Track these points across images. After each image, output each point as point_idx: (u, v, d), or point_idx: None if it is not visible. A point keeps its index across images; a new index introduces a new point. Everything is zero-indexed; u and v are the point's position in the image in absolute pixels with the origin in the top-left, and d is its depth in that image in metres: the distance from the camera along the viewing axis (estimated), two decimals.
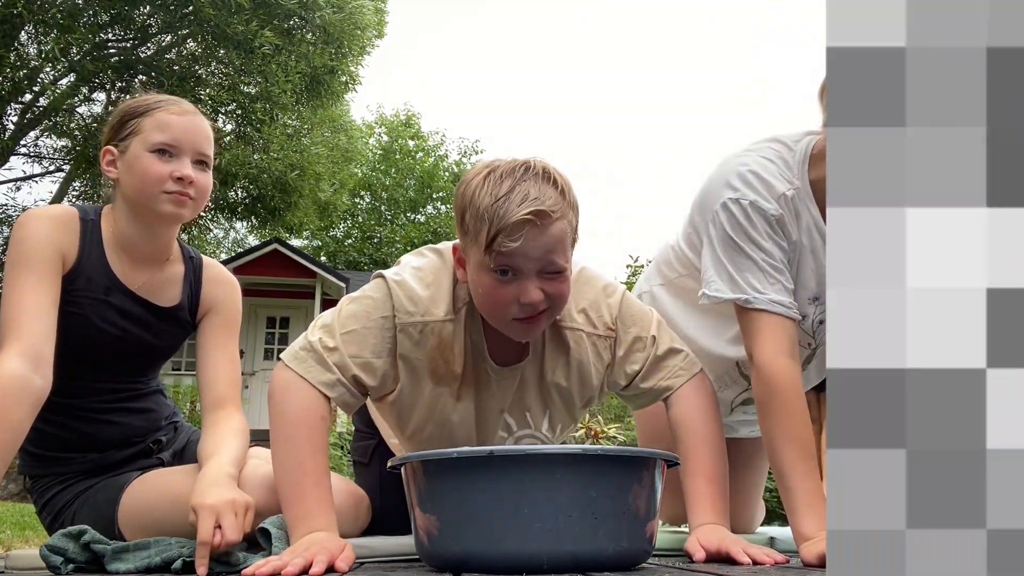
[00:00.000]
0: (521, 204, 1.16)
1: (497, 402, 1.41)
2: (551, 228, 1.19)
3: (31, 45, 10.31)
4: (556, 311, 1.29)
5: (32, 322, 1.35)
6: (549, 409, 1.44)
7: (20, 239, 1.41)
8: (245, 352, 12.62)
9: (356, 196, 22.28)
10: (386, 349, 1.30)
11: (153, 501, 1.43)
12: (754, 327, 1.38)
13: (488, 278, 1.22)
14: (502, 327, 1.29)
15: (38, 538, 4.31)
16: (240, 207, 12.21)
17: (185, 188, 1.47)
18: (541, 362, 1.40)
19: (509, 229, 1.16)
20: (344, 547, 1.11)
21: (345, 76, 11.52)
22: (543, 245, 1.19)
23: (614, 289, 1.42)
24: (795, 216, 1.44)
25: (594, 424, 8.57)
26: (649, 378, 1.39)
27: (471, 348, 1.36)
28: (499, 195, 1.18)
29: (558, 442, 1.50)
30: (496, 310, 1.25)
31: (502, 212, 1.16)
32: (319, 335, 1.28)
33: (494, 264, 1.20)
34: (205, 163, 1.52)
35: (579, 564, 1.00)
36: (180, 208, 1.48)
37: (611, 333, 1.39)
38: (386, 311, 1.30)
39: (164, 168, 1.47)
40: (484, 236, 1.18)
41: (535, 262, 1.20)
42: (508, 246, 1.17)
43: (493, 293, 1.23)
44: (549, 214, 1.18)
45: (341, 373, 1.26)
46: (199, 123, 1.52)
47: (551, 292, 1.23)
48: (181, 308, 1.58)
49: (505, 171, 1.21)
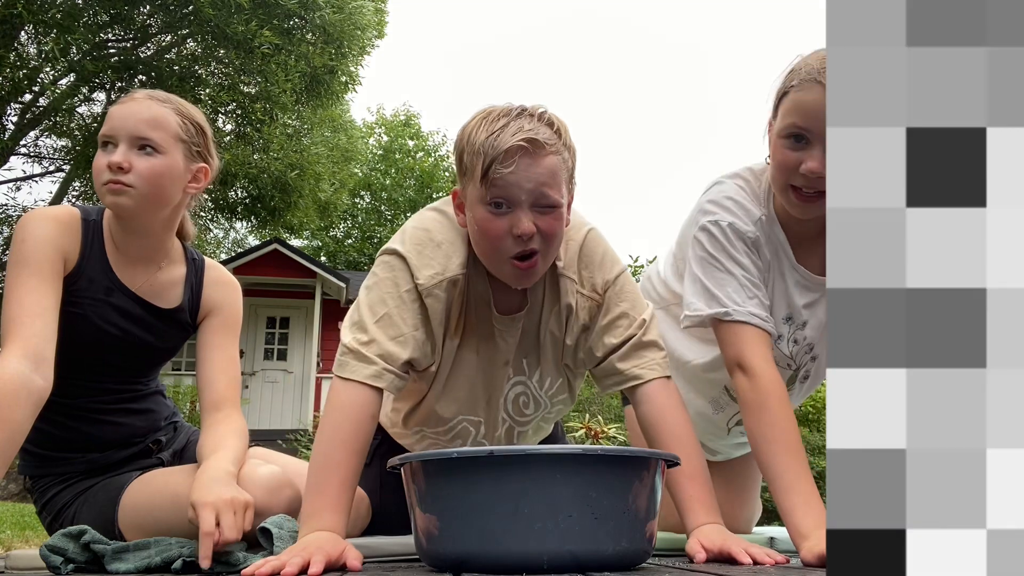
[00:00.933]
0: (515, 134, 1.20)
1: (503, 353, 1.43)
2: (544, 160, 1.22)
3: (31, 45, 10.30)
4: (550, 253, 1.29)
5: (33, 322, 1.34)
6: (540, 362, 1.46)
7: (22, 240, 1.41)
8: (245, 352, 12.63)
9: (356, 196, 22.28)
10: (420, 319, 1.31)
11: (153, 501, 1.43)
12: (737, 338, 1.38)
13: (483, 212, 1.24)
14: (498, 269, 1.30)
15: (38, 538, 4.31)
16: (240, 207, 12.20)
17: (116, 175, 1.42)
18: (540, 311, 1.41)
19: (502, 156, 1.19)
20: (344, 549, 1.11)
21: (345, 76, 11.51)
22: (535, 176, 1.21)
23: (615, 260, 1.42)
24: (767, 239, 1.47)
25: (594, 424, 8.57)
26: (627, 359, 1.38)
27: (478, 297, 1.37)
28: (494, 130, 1.21)
29: (544, 397, 1.51)
30: (492, 246, 1.27)
31: (495, 142, 1.20)
32: (351, 335, 1.28)
33: (489, 196, 1.22)
34: (149, 146, 1.44)
35: (579, 564, 1.00)
36: (117, 196, 1.42)
37: (596, 297, 1.39)
38: (408, 283, 1.30)
39: (102, 160, 1.44)
40: (480, 168, 1.21)
41: (528, 193, 1.22)
42: (501, 172, 1.19)
43: (488, 227, 1.24)
44: (543, 144, 1.21)
45: (385, 362, 1.26)
46: (138, 108, 1.46)
47: (543, 227, 1.24)
48: (181, 310, 1.58)
49: (502, 111, 1.25)
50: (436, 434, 1.54)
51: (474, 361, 1.42)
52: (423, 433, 1.56)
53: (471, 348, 1.41)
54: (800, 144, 1.33)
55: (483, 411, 1.49)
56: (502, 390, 1.48)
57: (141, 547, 1.25)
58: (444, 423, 1.51)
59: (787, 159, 1.34)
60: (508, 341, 1.42)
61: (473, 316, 1.38)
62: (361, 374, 1.24)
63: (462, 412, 1.49)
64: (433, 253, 1.32)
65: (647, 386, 1.36)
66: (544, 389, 1.50)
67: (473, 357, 1.42)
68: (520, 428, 1.55)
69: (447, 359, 1.40)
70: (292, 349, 13.03)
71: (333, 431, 1.22)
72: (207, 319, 1.61)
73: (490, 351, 1.42)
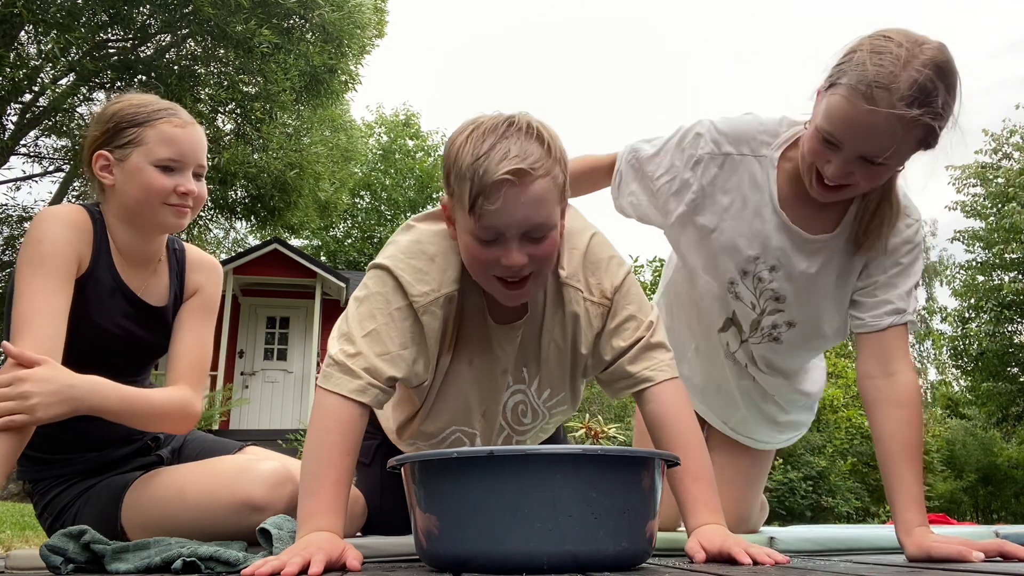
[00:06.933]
0: (500, 163, 1.15)
1: (501, 363, 1.41)
2: (532, 187, 1.17)
3: (31, 45, 10.28)
4: (543, 273, 1.28)
5: (43, 323, 1.35)
6: (541, 371, 1.44)
7: (38, 240, 1.41)
8: (245, 352, 12.61)
9: (356, 196, 22.27)
10: (409, 338, 1.29)
11: (159, 496, 1.44)
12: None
13: (471, 241, 1.22)
14: (488, 287, 1.29)
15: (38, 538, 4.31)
16: (240, 207, 12.19)
17: (183, 200, 1.52)
18: (541, 320, 1.39)
19: (488, 190, 1.15)
20: (343, 549, 1.11)
21: (345, 76, 11.50)
22: (524, 209, 1.17)
23: (621, 263, 1.41)
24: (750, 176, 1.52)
25: (594, 424, 8.57)
26: (637, 362, 1.36)
27: (472, 308, 1.35)
28: (479, 153, 1.16)
29: (543, 407, 1.50)
30: (479, 269, 1.26)
31: (481, 172, 1.15)
32: (338, 347, 1.27)
33: (478, 229, 1.20)
34: (202, 173, 1.57)
35: (579, 564, 1.00)
36: (181, 219, 1.54)
37: (606, 302, 1.38)
38: (400, 301, 1.29)
39: (168, 182, 1.50)
40: (466, 198, 1.18)
41: (517, 227, 1.19)
42: (488, 208, 1.16)
43: (477, 255, 1.23)
44: (529, 172, 1.16)
45: (371, 376, 1.24)
46: (199, 136, 1.56)
47: (535, 254, 1.22)
48: (171, 306, 1.61)
49: (488, 128, 1.19)
50: (429, 446, 1.52)
51: (466, 372, 1.40)
52: (416, 445, 1.55)
53: (463, 360, 1.39)
54: (830, 148, 1.34)
55: (479, 422, 1.47)
56: (500, 400, 1.46)
57: (141, 547, 1.25)
58: (436, 435, 1.50)
59: (816, 152, 1.37)
60: (507, 350, 1.40)
61: (468, 327, 1.36)
62: (346, 388, 1.23)
63: (455, 423, 1.47)
64: (427, 267, 1.30)
65: (656, 387, 1.35)
66: (542, 399, 1.48)
67: (465, 368, 1.40)
68: (518, 437, 1.54)
69: (439, 372, 1.39)
70: (292, 349, 13.01)
71: (321, 435, 1.21)
72: (186, 302, 1.65)
73: (487, 361, 1.40)
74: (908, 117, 1.24)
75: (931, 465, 13.32)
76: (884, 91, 1.23)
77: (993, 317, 15.03)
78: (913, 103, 1.23)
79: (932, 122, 1.25)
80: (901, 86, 1.23)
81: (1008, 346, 14.92)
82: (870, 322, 1.46)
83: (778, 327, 1.64)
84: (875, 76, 1.24)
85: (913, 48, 1.25)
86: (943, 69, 1.25)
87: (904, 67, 1.23)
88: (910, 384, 1.39)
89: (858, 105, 1.26)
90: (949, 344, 16.32)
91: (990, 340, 15.07)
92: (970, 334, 15.53)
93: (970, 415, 19.21)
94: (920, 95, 1.23)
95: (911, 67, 1.23)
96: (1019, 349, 14.88)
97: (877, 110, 1.24)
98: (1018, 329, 15.10)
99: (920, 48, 1.25)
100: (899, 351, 1.43)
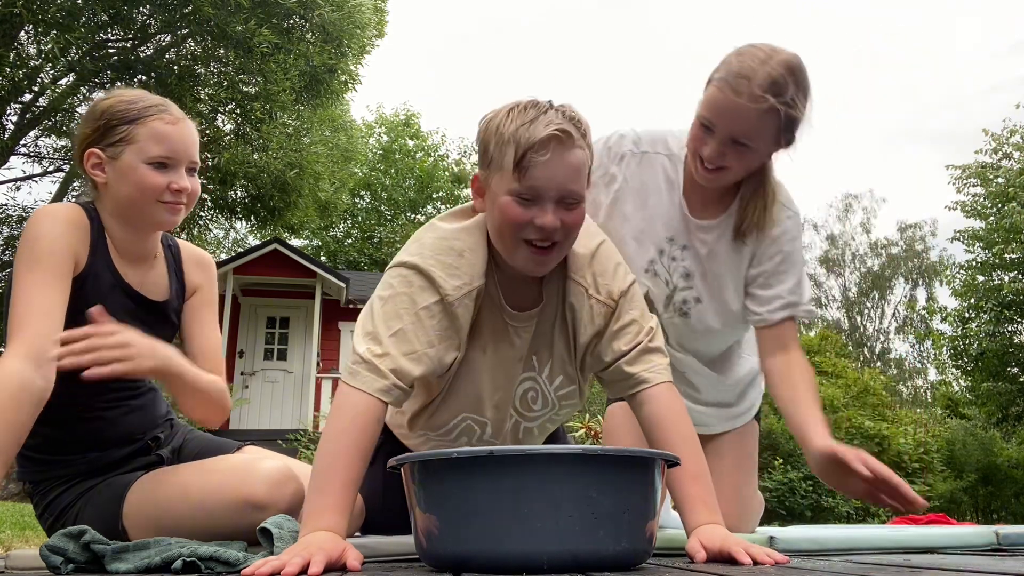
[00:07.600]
0: (547, 125, 1.24)
1: (517, 350, 1.44)
2: (574, 153, 1.27)
3: (31, 45, 10.28)
4: (567, 244, 1.34)
5: (39, 321, 1.35)
6: (552, 358, 1.48)
7: (35, 238, 1.42)
8: (245, 352, 12.61)
9: (356, 196, 22.28)
10: (436, 336, 1.32)
11: (165, 498, 1.45)
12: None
13: (509, 200, 1.27)
14: (514, 253, 1.32)
15: (38, 538, 4.31)
16: (240, 207, 12.18)
17: (177, 197, 1.52)
18: (554, 308, 1.44)
19: (537, 145, 1.23)
20: (343, 549, 1.11)
21: (345, 75, 11.50)
22: (565, 171, 1.26)
23: (627, 272, 1.48)
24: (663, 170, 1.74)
25: (594, 424, 8.57)
26: (635, 364, 1.41)
27: (488, 298, 1.38)
28: (525, 120, 1.26)
29: (553, 394, 1.52)
30: (512, 230, 1.29)
31: (529, 132, 1.24)
32: (365, 346, 1.28)
33: (520, 186, 1.25)
34: (195, 168, 1.57)
35: (579, 564, 1.00)
36: (175, 216, 1.54)
37: (611, 303, 1.42)
38: (430, 298, 1.31)
39: (161, 180, 1.50)
40: (512, 157, 1.25)
41: (556, 188, 1.26)
42: (536, 161, 1.23)
43: (511, 212, 1.28)
44: (573, 137, 1.26)
45: (396, 377, 1.26)
46: (191, 131, 1.56)
47: (567, 221, 1.29)
48: (172, 300, 1.62)
49: (530, 103, 1.29)
50: (439, 436, 1.53)
51: (481, 361, 1.42)
52: (427, 436, 1.56)
53: (478, 348, 1.41)
54: (707, 132, 1.56)
55: (491, 410, 1.49)
56: (513, 387, 1.48)
57: (141, 547, 1.25)
58: (446, 424, 1.51)
59: (697, 137, 1.60)
60: (523, 337, 1.44)
61: (484, 317, 1.39)
62: (372, 387, 1.25)
63: (465, 411, 1.49)
64: (457, 263, 1.34)
65: (652, 389, 1.39)
66: (553, 386, 1.51)
67: (480, 356, 1.42)
68: (526, 424, 1.55)
69: (455, 362, 1.40)
70: (292, 349, 13.01)
71: (339, 434, 1.22)
72: (189, 300, 1.68)
73: (503, 349, 1.43)
74: (765, 103, 1.49)
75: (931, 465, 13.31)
76: (746, 81, 1.49)
77: (993, 317, 15.01)
78: (768, 91, 1.48)
79: (784, 109, 1.50)
80: (759, 78, 1.49)
81: (1008, 346, 14.91)
82: (766, 316, 1.70)
83: (687, 303, 1.80)
84: (739, 70, 1.51)
85: (771, 52, 1.52)
86: (794, 69, 1.52)
87: (762, 64, 1.50)
88: (802, 358, 1.69)
89: (726, 93, 1.52)
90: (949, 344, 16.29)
91: (990, 340, 15.06)
92: (970, 334, 15.52)
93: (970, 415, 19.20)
94: (773, 86, 1.49)
95: (768, 65, 1.50)
96: (1019, 349, 14.88)
97: (740, 95, 1.50)
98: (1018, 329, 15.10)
99: (777, 53, 1.53)
100: (792, 340, 1.70)
